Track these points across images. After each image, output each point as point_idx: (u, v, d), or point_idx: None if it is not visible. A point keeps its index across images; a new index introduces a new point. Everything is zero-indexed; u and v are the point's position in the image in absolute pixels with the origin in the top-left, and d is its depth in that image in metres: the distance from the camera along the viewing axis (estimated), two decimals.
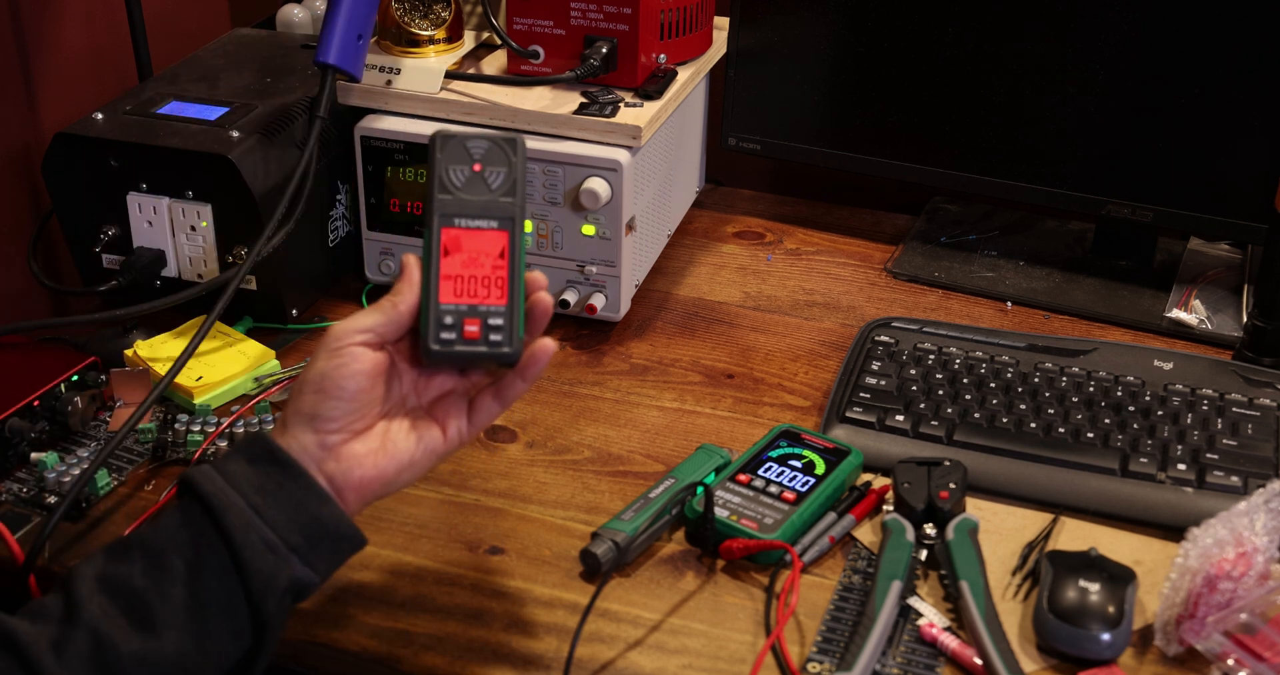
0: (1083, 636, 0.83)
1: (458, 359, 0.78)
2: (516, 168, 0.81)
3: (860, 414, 1.05)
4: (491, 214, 0.79)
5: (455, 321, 0.78)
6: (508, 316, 0.78)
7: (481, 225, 0.79)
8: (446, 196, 0.79)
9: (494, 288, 0.78)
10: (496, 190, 0.80)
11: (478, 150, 0.81)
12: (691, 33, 1.25)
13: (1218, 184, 1.21)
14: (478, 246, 0.79)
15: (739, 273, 1.33)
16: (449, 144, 0.81)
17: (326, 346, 0.76)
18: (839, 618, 0.88)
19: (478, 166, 0.80)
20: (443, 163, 0.80)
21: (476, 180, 0.80)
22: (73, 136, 1.13)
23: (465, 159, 0.80)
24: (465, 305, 0.78)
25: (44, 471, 0.99)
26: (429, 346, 0.77)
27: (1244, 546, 0.84)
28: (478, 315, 0.78)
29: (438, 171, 0.80)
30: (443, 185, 0.80)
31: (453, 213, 0.79)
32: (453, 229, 0.79)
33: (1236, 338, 1.17)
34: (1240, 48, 1.16)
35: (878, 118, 1.32)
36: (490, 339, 0.78)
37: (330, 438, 0.76)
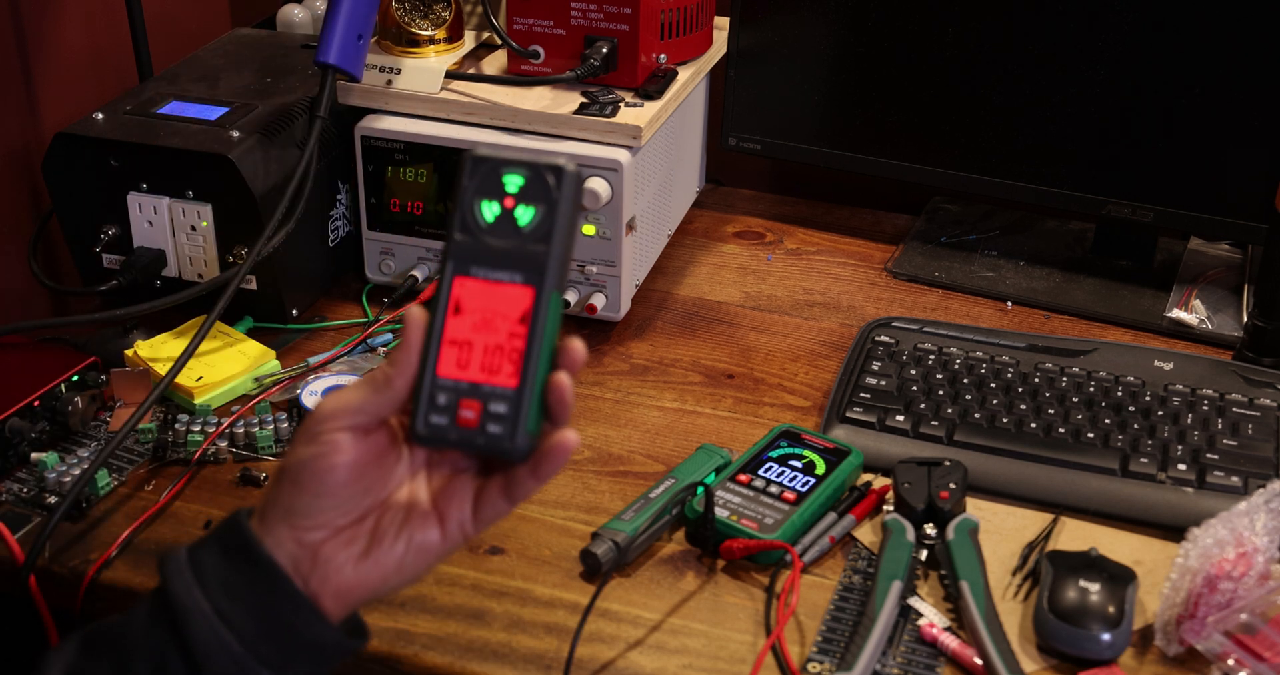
0: (1083, 636, 0.83)
1: (450, 447, 0.65)
2: (560, 207, 0.64)
3: (860, 414, 1.05)
4: (516, 265, 0.64)
5: (450, 401, 0.64)
6: (515, 402, 0.64)
7: (503, 279, 0.64)
8: (466, 237, 0.64)
9: (505, 362, 0.64)
10: (528, 235, 0.64)
11: (514, 179, 0.64)
12: (692, 33, 1.25)
13: (1218, 184, 1.21)
14: (495, 306, 0.64)
15: (739, 273, 1.33)
16: (480, 169, 0.64)
17: (307, 430, 0.65)
18: (839, 618, 0.88)
19: (510, 201, 0.64)
20: (470, 192, 0.64)
21: (506, 219, 0.64)
22: (73, 136, 1.13)
23: (497, 190, 0.64)
24: (466, 382, 0.64)
25: (44, 471, 0.99)
26: (415, 428, 0.64)
27: (1244, 546, 0.84)
28: (479, 396, 0.64)
29: (463, 203, 0.64)
30: (465, 222, 0.64)
31: (470, 259, 0.64)
32: (468, 280, 0.64)
33: (1237, 338, 1.17)
34: (1240, 48, 1.16)
35: (878, 118, 1.32)
36: (489, 430, 0.64)
37: (308, 535, 0.65)
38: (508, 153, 0.65)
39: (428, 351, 0.64)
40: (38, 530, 0.94)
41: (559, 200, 0.64)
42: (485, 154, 0.65)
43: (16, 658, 1.04)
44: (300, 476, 0.65)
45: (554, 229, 0.64)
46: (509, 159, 0.64)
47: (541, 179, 0.64)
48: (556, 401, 0.65)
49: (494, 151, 0.65)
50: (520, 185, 0.64)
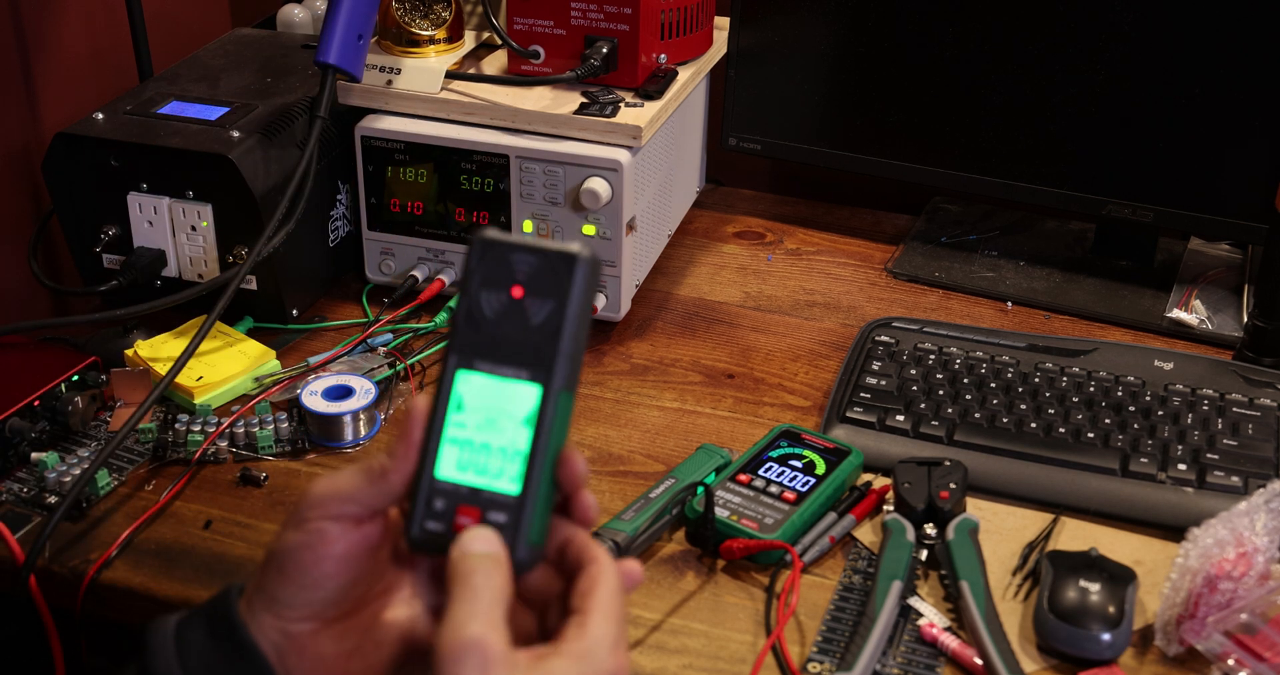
0: (1083, 636, 0.83)
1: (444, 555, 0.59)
2: (573, 299, 0.59)
3: (860, 414, 1.05)
4: (524, 360, 0.59)
5: (448, 507, 0.59)
6: (516, 511, 0.59)
7: (507, 376, 0.59)
8: (471, 328, 0.60)
9: (508, 466, 0.59)
10: (537, 328, 0.59)
11: (522, 267, 0.59)
12: (692, 33, 1.25)
13: (1218, 184, 1.21)
14: (500, 404, 0.59)
15: (739, 273, 1.33)
16: (490, 253, 0.59)
17: (296, 515, 0.60)
18: (839, 618, 0.88)
19: (518, 290, 0.59)
20: (477, 280, 0.60)
21: (515, 311, 0.59)
22: (73, 136, 1.13)
23: (504, 278, 0.59)
24: (466, 486, 0.59)
25: (44, 471, 0.99)
26: (410, 533, 0.60)
27: (1244, 546, 0.84)
28: (478, 503, 0.59)
29: (469, 291, 0.60)
30: (470, 313, 0.60)
31: (475, 352, 0.60)
32: (473, 375, 0.60)
33: (1237, 338, 1.17)
34: (1240, 48, 1.16)
35: (878, 118, 1.32)
36: None
37: (294, 627, 0.61)
38: (518, 238, 0.60)
39: (427, 448, 0.60)
40: (38, 530, 0.94)
41: (572, 291, 0.59)
42: (494, 238, 0.60)
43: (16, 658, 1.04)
44: (285, 565, 0.60)
45: (565, 323, 0.59)
46: (519, 244, 0.59)
47: (554, 268, 0.59)
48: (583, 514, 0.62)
49: (503, 236, 0.60)
50: (531, 274, 0.59)
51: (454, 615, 0.55)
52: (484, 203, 1.17)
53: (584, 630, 0.57)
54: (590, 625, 0.57)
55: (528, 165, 1.14)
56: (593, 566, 0.60)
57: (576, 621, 0.58)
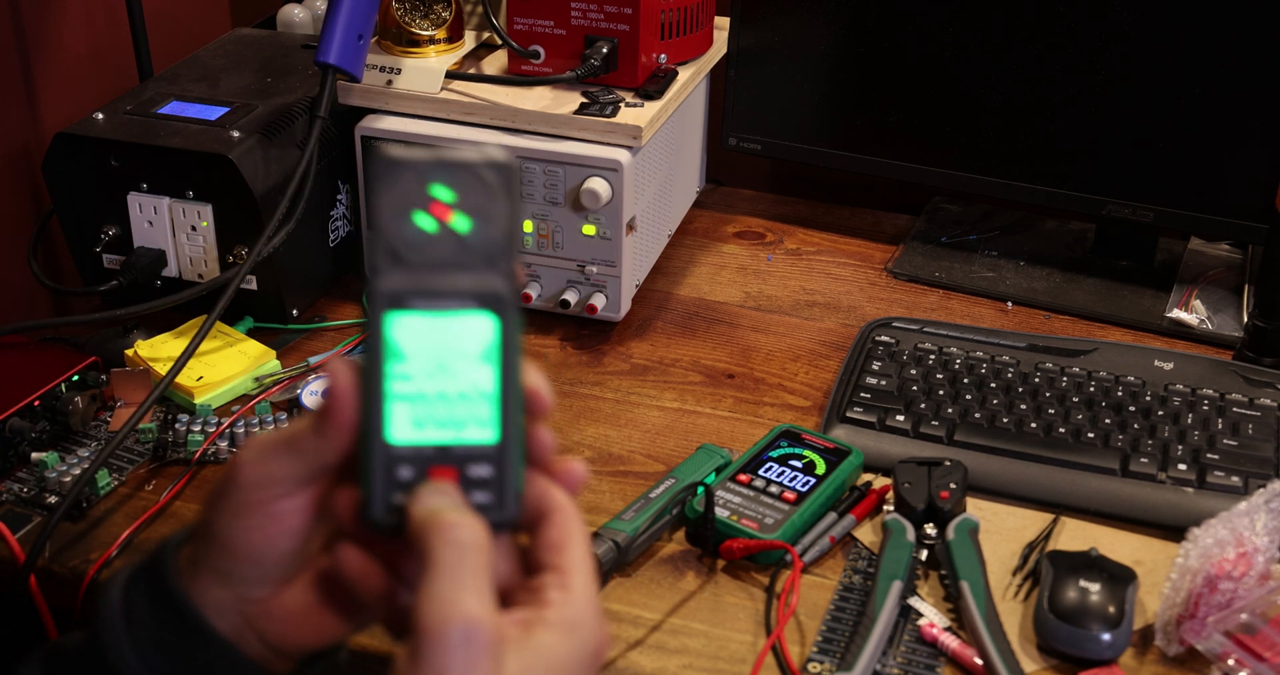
0: (1083, 636, 0.83)
1: None
2: (506, 210, 0.52)
3: (861, 414, 1.05)
4: (464, 288, 0.52)
5: (416, 473, 0.52)
6: (499, 460, 0.52)
7: (452, 309, 0.52)
8: (395, 267, 0.52)
9: (476, 411, 0.52)
10: (473, 250, 0.52)
11: (443, 183, 0.52)
12: (692, 33, 1.25)
13: (1218, 184, 1.21)
14: (448, 345, 0.52)
15: (739, 273, 1.33)
16: (397, 175, 0.52)
17: (232, 498, 0.55)
18: (839, 618, 0.88)
19: (444, 211, 0.52)
20: (390, 208, 0.52)
21: (443, 236, 0.52)
22: (73, 136, 1.13)
23: (422, 201, 0.52)
24: (431, 445, 0.52)
25: (44, 471, 0.99)
26: (371, 515, 0.52)
27: (1244, 547, 0.84)
28: (452, 460, 0.52)
29: (382, 222, 0.51)
30: (389, 248, 0.52)
31: (407, 291, 0.51)
32: (408, 319, 0.51)
33: (1237, 338, 1.17)
34: (1240, 48, 1.16)
35: (878, 118, 1.32)
36: (474, 500, 0.52)
37: (254, 593, 0.56)
38: (425, 153, 0.52)
39: (370, 414, 0.52)
40: (38, 530, 0.94)
41: (506, 201, 0.52)
42: (400, 158, 0.52)
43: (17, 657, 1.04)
44: (234, 547, 0.55)
45: (505, 237, 0.52)
46: (432, 161, 0.52)
47: (480, 179, 0.52)
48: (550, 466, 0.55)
49: (409, 154, 0.52)
50: (453, 190, 0.52)
51: (438, 588, 0.49)
52: None
53: (568, 594, 0.53)
54: (574, 587, 0.53)
55: (528, 165, 1.14)
56: (559, 514, 0.55)
57: (556, 581, 0.53)
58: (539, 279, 1.19)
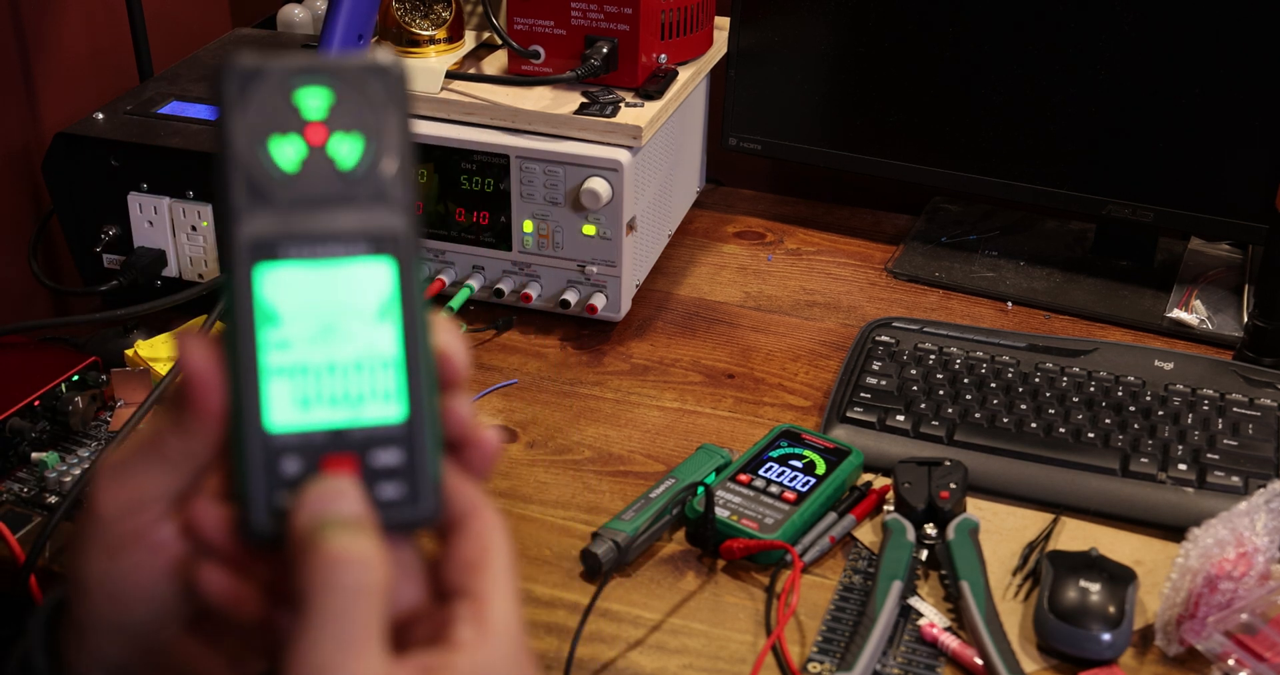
0: (1083, 636, 0.83)
1: None
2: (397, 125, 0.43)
3: (861, 414, 1.05)
4: (350, 228, 0.42)
5: (304, 467, 0.42)
6: (409, 440, 0.43)
7: (337, 256, 0.42)
8: (258, 204, 0.42)
9: (375, 382, 0.42)
10: (359, 178, 0.43)
11: (314, 98, 0.42)
12: (692, 33, 1.25)
13: (1218, 184, 1.21)
14: (335, 300, 0.42)
15: (739, 273, 1.33)
16: (254, 88, 0.42)
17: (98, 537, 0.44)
18: (839, 618, 0.88)
19: (318, 132, 0.42)
20: (246, 129, 0.42)
21: (318, 162, 0.42)
22: (73, 136, 1.13)
23: (289, 119, 0.42)
24: (322, 429, 0.42)
25: (45, 471, 0.99)
26: (251, 524, 0.42)
27: (1245, 546, 0.84)
28: (350, 446, 0.42)
29: (236, 148, 0.42)
30: (252, 180, 0.42)
31: (277, 237, 0.42)
32: (282, 271, 0.42)
33: (1237, 338, 1.17)
34: (1240, 48, 1.16)
35: (878, 118, 1.32)
36: (382, 495, 0.43)
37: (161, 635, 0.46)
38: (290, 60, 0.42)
39: (241, 396, 0.42)
40: (38, 530, 0.94)
41: (395, 115, 0.43)
42: (257, 66, 0.42)
43: None
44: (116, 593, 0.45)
45: (397, 160, 0.43)
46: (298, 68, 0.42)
47: (360, 88, 0.42)
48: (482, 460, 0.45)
49: (269, 61, 0.42)
50: (328, 104, 0.42)
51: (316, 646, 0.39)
52: (484, 203, 1.17)
53: (483, 631, 0.43)
54: (490, 621, 0.43)
55: (528, 165, 1.14)
56: (475, 522, 0.44)
57: (470, 613, 0.43)
58: (539, 279, 1.19)
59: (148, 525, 0.44)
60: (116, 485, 0.44)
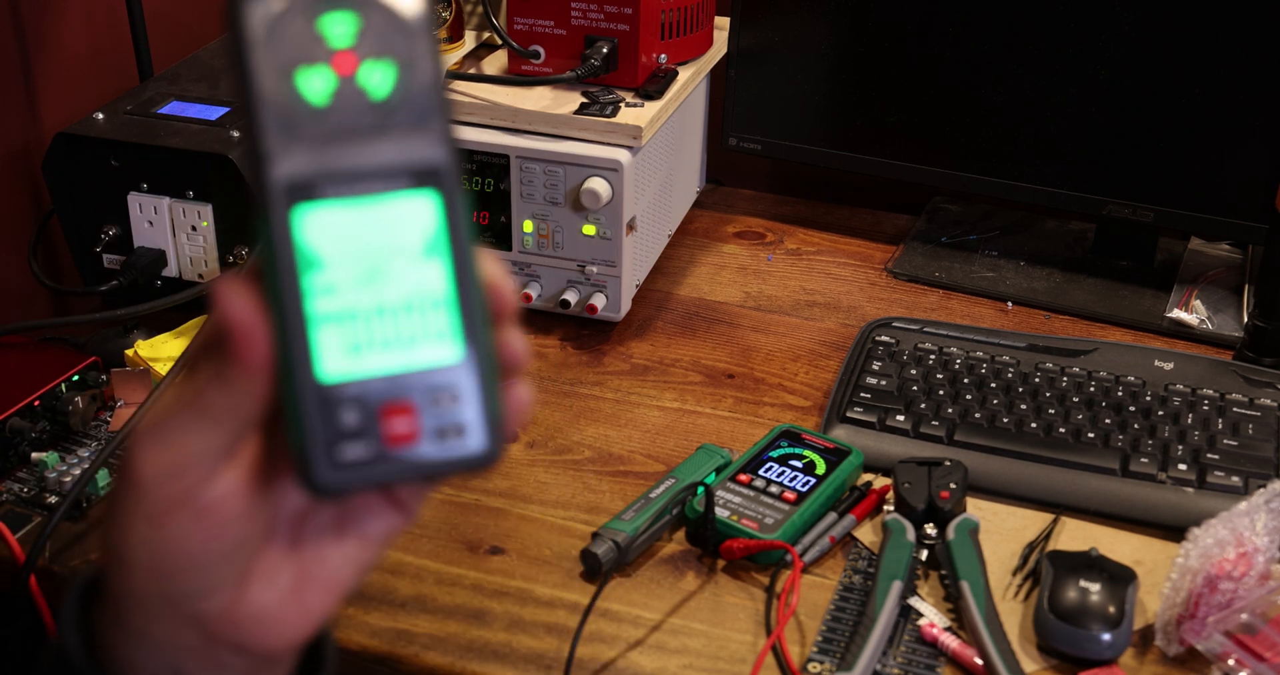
0: (1083, 636, 0.83)
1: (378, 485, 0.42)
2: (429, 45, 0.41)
3: (861, 414, 1.05)
4: (397, 163, 0.41)
5: (365, 416, 0.41)
6: (469, 382, 0.41)
7: (378, 192, 0.41)
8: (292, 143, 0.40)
9: (428, 323, 0.41)
10: (395, 106, 0.41)
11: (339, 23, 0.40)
12: (692, 33, 1.25)
13: (1218, 184, 1.21)
14: (379, 241, 0.41)
15: (739, 273, 1.33)
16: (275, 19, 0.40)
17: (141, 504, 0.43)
18: (839, 618, 0.88)
19: (348, 60, 0.40)
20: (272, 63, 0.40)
21: (352, 95, 0.40)
22: (73, 136, 1.13)
23: (315, 48, 0.40)
24: (378, 375, 0.41)
25: (44, 471, 0.99)
26: (316, 479, 0.41)
27: (1245, 547, 0.84)
28: (409, 392, 0.41)
29: (263, 86, 0.40)
30: (283, 117, 0.40)
31: (314, 175, 0.40)
32: (322, 212, 0.40)
33: (1237, 338, 1.17)
34: (1240, 48, 1.16)
35: (878, 118, 1.32)
36: (443, 439, 0.41)
37: (208, 605, 0.45)
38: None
39: (290, 347, 0.40)
40: (38, 530, 0.94)
41: (422, 39, 0.41)
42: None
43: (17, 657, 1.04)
44: (163, 564, 0.44)
45: (431, 87, 0.41)
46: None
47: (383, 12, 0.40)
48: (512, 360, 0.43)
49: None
50: (355, 31, 0.40)
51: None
52: (484, 203, 1.17)
53: None
54: None
55: (528, 165, 1.14)
56: None
57: None
58: (539, 279, 1.19)
59: (192, 487, 0.42)
60: (157, 448, 0.42)
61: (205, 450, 0.42)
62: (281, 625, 0.46)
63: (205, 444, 0.42)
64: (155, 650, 0.46)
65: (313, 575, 0.46)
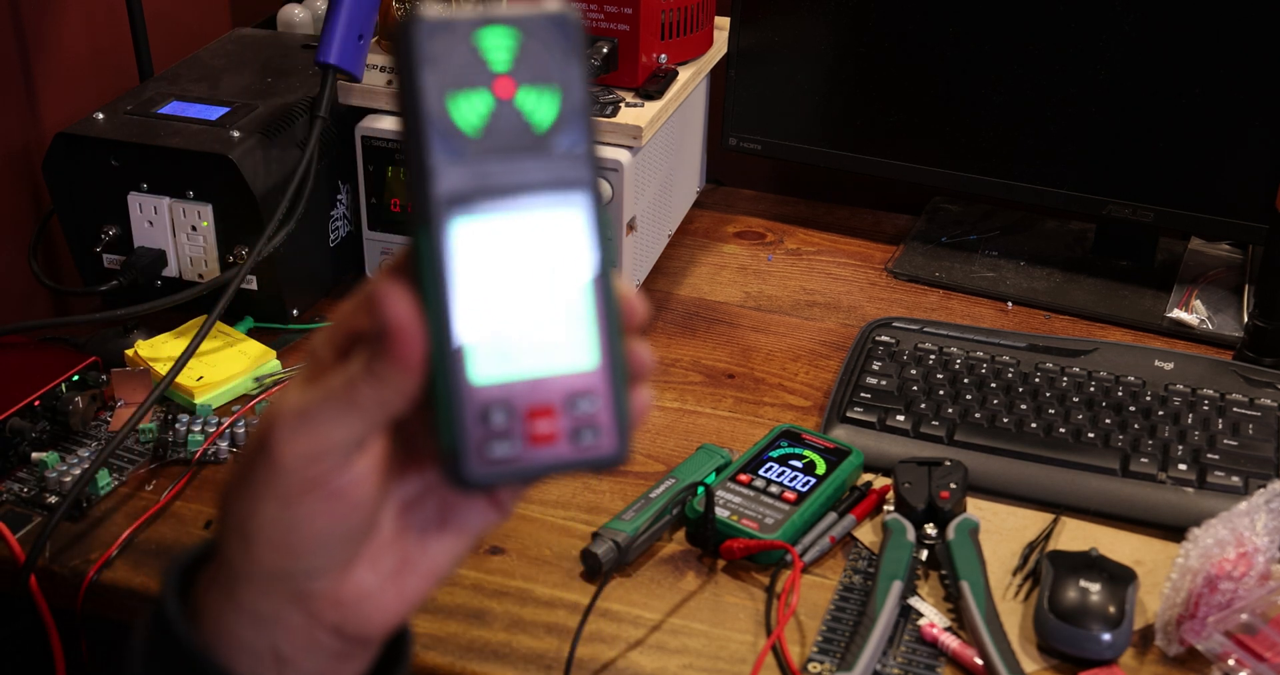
0: (1083, 636, 0.83)
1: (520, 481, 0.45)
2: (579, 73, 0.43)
3: (861, 414, 1.05)
4: (544, 179, 0.43)
5: (510, 418, 0.43)
6: (605, 389, 0.44)
7: (533, 207, 0.43)
8: (450, 159, 0.42)
9: (568, 331, 0.44)
10: (546, 129, 0.43)
11: (500, 50, 0.42)
12: (692, 33, 1.25)
13: (1218, 184, 1.21)
14: (530, 253, 0.43)
15: (740, 273, 1.33)
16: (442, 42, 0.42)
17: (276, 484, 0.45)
18: (840, 618, 0.88)
19: (506, 84, 0.43)
20: (437, 83, 0.42)
21: (505, 112, 0.43)
22: (74, 136, 1.13)
23: (478, 71, 0.42)
24: (523, 379, 0.43)
25: (45, 471, 0.99)
26: (464, 473, 0.44)
27: (1244, 547, 0.84)
28: (550, 397, 0.44)
29: (428, 105, 0.42)
30: (444, 135, 0.42)
31: (472, 190, 0.42)
32: (477, 224, 0.43)
33: (1237, 338, 1.17)
34: (1240, 48, 1.16)
35: (878, 118, 1.32)
36: (581, 441, 0.44)
37: (316, 585, 0.47)
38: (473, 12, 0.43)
39: (444, 351, 0.43)
40: (38, 530, 0.94)
41: (576, 63, 0.43)
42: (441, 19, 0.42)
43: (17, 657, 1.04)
44: (288, 541, 0.46)
45: (581, 107, 0.43)
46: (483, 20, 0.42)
47: (543, 39, 0.42)
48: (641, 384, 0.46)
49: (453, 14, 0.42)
50: (515, 56, 0.42)
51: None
52: None
53: None
54: None
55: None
56: None
57: None
58: None
59: (328, 473, 0.45)
60: (303, 434, 0.45)
61: (347, 439, 0.44)
62: (379, 608, 0.48)
63: (348, 434, 0.44)
64: (259, 625, 0.48)
65: (413, 562, 0.49)
